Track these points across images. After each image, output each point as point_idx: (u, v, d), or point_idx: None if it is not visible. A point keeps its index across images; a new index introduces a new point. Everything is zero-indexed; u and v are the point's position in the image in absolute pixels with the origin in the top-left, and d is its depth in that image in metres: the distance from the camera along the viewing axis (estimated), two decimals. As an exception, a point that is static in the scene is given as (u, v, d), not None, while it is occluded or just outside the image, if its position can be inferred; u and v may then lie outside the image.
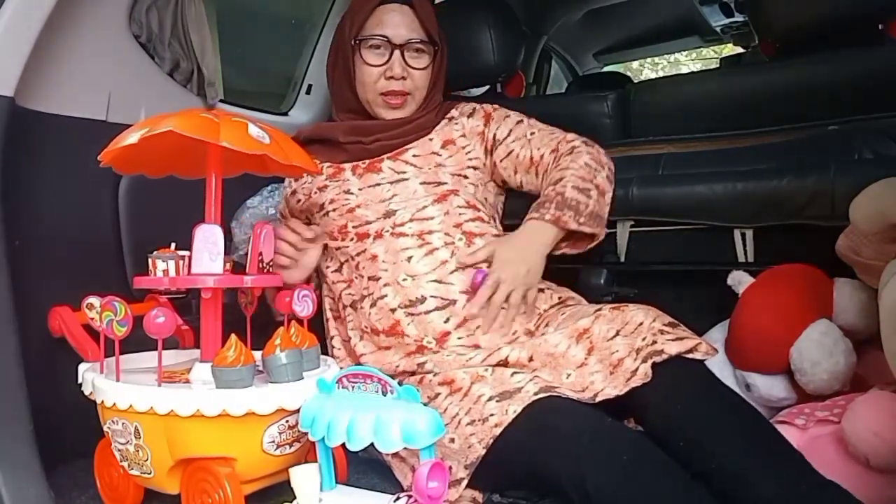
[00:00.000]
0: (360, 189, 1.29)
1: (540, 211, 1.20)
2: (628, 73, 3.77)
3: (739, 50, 3.36)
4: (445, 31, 1.39)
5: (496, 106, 1.41)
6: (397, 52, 1.29)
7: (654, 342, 1.06)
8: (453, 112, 1.40)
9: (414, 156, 1.31)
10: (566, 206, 1.19)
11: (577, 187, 1.22)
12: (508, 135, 1.34)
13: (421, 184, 1.27)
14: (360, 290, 1.23)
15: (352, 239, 1.25)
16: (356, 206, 1.26)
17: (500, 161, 1.34)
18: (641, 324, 1.10)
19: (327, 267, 1.31)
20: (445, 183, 1.28)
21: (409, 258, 1.20)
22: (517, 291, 1.16)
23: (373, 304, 1.21)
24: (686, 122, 1.55)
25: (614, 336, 1.09)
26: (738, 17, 2.94)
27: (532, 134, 1.34)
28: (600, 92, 1.70)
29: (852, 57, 1.41)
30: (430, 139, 1.34)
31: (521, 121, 1.37)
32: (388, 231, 1.23)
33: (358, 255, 1.24)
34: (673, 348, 1.05)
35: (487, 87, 1.97)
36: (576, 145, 1.30)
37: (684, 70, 6.76)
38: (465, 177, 1.32)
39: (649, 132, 1.60)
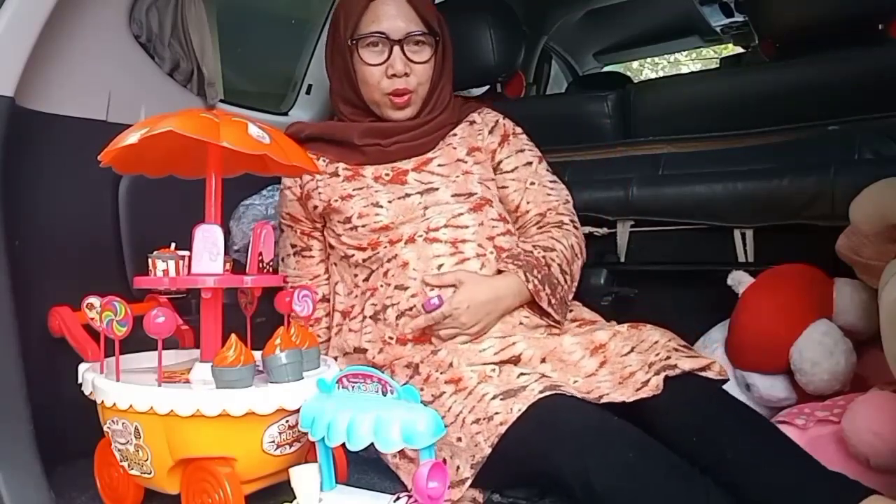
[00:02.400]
0: (389, 202, 1.23)
1: (528, 275, 1.17)
2: (628, 73, 3.77)
3: (739, 50, 3.36)
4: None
5: (518, 130, 1.37)
6: (397, 48, 1.23)
7: (668, 357, 1.06)
8: (475, 117, 1.35)
9: (439, 165, 1.27)
10: (548, 283, 1.19)
11: (561, 267, 1.22)
12: (512, 171, 1.32)
13: (452, 195, 1.24)
14: (382, 300, 1.21)
15: (384, 246, 1.21)
16: (389, 224, 1.21)
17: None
18: (657, 342, 1.11)
19: (356, 275, 1.26)
20: (476, 193, 1.25)
21: (440, 266, 1.18)
22: (454, 330, 1.15)
23: (399, 315, 1.19)
24: (686, 122, 1.55)
25: (629, 352, 1.10)
26: (738, 17, 2.94)
27: (532, 184, 1.32)
28: (600, 92, 1.70)
29: (852, 57, 1.41)
30: (454, 147, 1.30)
31: (530, 163, 1.33)
32: (421, 236, 1.20)
33: (389, 260, 1.21)
34: (686, 364, 1.05)
35: (487, 86, 1.97)
36: (565, 221, 1.30)
37: (684, 70, 6.76)
38: (491, 181, 1.30)
39: (649, 132, 1.60)
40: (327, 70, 1.37)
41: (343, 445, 0.86)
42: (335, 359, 1.27)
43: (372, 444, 0.85)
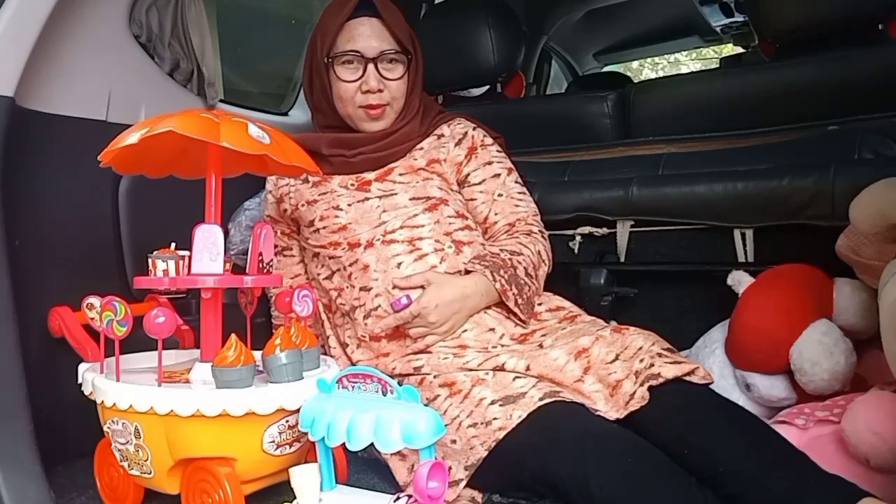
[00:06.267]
0: (349, 204, 1.27)
1: (494, 275, 1.19)
2: (628, 73, 3.77)
3: (739, 50, 3.36)
4: (445, 31, 1.39)
5: (488, 142, 1.37)
6: (371, 66, 1.26)
7: (652, 365, 1.08)
8: (444, 129, 1.36)
9: (400, 174, 1.30)
10: (515, 283, 1.20)
11: (527, 271, 1.24)
12: (480, 183, 1.33)
13: (410, 199, 1.26)
14: (350, 301, 1.23)
15: (343, 248, 1.25)
16: (347, 224, 1.25)
17: (462, 198, 1.34)
18: (640, 348, 1.12)
19: (318, 274, 1.30)
20: (433, 196, 1.27)
21: (399, 264, 1.20)
22: (423, 329, 1.17)
23: (367, 316, 1.21)
24: (686, 122, 1.55)
25: (614, 360, 1.10)
26: (738, 17, 2.94)
27: (499, 196, 1.33)
28: (600, 92, 1.70)
29: (852, 57, 1.41)
30: (415, 158, 1.31)
31: (498, 175, 1.34)
32: (378, 240, 1.23)
33: (350, 264, 1.24)
34: (670, 372, 1.06)
35: (487, 87, 1.98)
36: (533, 230, 1.32)
37: (684, 70, 6.76)
38: (453, 190, 1.32)
39: (649, 132, 1.60)
40: (306, 91, 1.39)
41: (343, 445, 0.87)
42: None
43: (372, 444, 0.85)
